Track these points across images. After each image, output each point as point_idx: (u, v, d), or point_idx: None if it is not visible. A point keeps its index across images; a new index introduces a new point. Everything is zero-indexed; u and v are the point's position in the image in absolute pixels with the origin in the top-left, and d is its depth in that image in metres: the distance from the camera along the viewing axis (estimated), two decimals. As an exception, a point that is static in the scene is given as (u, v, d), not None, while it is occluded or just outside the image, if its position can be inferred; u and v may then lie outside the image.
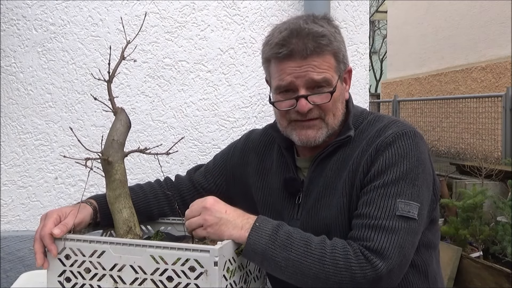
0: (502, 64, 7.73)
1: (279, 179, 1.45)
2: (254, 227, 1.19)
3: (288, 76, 1.30)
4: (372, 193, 1.22)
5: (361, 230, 1.19)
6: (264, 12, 2.55)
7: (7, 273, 2.36)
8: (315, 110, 1.31)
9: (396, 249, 1.16)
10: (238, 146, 1.62)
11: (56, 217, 1.28)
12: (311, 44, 1.26)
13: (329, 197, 1.33)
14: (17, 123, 2.40)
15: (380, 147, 1.27)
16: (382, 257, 1.14)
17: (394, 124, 1.32)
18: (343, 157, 1.34)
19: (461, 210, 4.17)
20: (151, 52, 2.47)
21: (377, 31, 21.62)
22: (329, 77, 1.30)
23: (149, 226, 1.56)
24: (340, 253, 1.15)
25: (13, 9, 2.38)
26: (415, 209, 1.20)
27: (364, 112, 1.43)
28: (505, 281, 3.34)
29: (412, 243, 1.20)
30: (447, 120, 7.71)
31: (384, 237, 1.16)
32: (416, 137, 1.29)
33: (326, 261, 1.15)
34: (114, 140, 1.27)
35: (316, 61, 1.28)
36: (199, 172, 1.65)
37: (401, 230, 1.18)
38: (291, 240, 1.18)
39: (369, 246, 1.16)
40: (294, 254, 1.16)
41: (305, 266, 1.15)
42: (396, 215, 1.19)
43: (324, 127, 1.33)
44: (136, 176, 2.45)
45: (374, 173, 1.25)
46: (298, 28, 1.29)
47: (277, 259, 1.16)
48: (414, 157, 1.25)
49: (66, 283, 1.23)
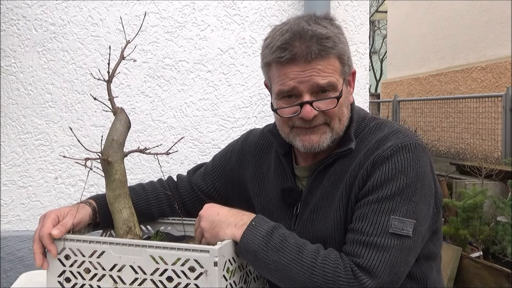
0: (502, 64, 7.73)
1: (276, 187, 1.42)
2: (250, 226, 1.18)
3: (291, 81, 1.23)
4: (366, 208, 1.19)
5: (352, 246, 1.17)
6: (264, 12, 2.54)
7: (7, 273, 2.36)
8: (320, 117, 1.26)
9: (387, 268, 1.13)
10: (235, 148, 1.59)
11: (55, 217, 1.27)
12: (315, 47, 1.20)
13: (326, 208, 1.30)
14: (17, 123, 2.40)
15: (377, 160, 1.22)
16: (371, 275, 1.12)
17: (394, 135, 1.26)
18: (341, 168, 1.30)
19: (461, 210, 4.17)
20: (151, 52, 2.47)
21: (377, 31, 21.62)
22: (334, 81, 1.24)
23: (149, 226, 1.55)
24: (330, 266, 1.13)
25: (13, 9, 2.38)
26: (410, 226, 1.16)
27: (366, 117, 1.37)
28: (505, 281, 3.34)
29: (405, 261, 1.17)
30: (447, 120, 7.70)
31: (375, 254, 1.13)
32: (417, 150, 1.22)
33: (315, 271, 1.13)
34: (114, 140, 1.27)
35: (321, 65, 1.22)
36: (198, 173, 1.62)
37: (393, 248, 1.14)
38: (285, 244, 1.16)
39: (359, 263, 1.13)
40: (284, 259, 1.15)
41: (294, 272, 1.14)
42: (388, 232, 1.14)
43: (328, 132, 1.28)
44: (136, 176, 2.45)
45: (369, 187, 1.21)
46: (301, 30, 1.22)
47: (268, 261, 1.15)
48: (413, 171, 1.20)
49: (66, 283, 1.23)
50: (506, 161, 5.44)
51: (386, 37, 15.40)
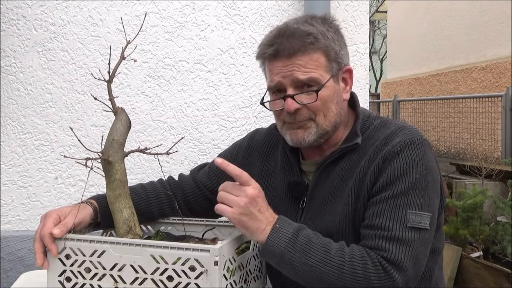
0: (502, 64, 7.73)
1: (283, 181, 1.44)
2: (274, 229, 1.17)
3: (276, 76, 1.30)
4: (382, 204, 1.21)
5: (375, 240, 1.19)
6: (264, 12, 2.55)
7: (7, 273, 2.36)
8: (304, 111, 1.30)
9: (411, 261, 1.16)
10: (242, 146, 1.61)
11: (56, 216, 1.27)
12: (295, 43, 1.26)
13: (334, 204, 1.32)
14: (17, 123, 2.40)
15: (387, 156, 1.25)
16: (399, 269, 1.14)
17: (401, 131, 1.30)
18: (350, 165, 1.33)
19: (461, 210, 4.17)
20: (151, 52, 2.47)
21: (377, 31, 21.62)
22: (317, 76, 1.27)
23: (149, 226, 1.55)
24: (359, 262, 1.15)
25: (13, 9, 2.38)
26: (427, 219, 1.20)
27: (370, 116, 1.40)
28: (505, 281, 3.34)
29: (424, 254, 1.20)
30: (447, 120, 7.70)
31: (399, 248, 1.16)
32: (423, 145, 1.27)
33: (345, 270, 1.14)
34: (114, 140, 1.27)
35: (302, 60, 1.27)
36: (202, 171, 1.63)
37: (414, 241, 1.17)
38: (311, 245, 1.17)
39: (386, 257, 1.15)
40: (312, 260, 1.15)
41: (323, 273, 1.14)
42: (407, 227, 1.18)
43: (314, 127, 1.31)
44: (136, 176, 2.45)
45: (383, 183, 1.23)
46: (285, 28, 1.30)
47: (295, 264, 1.15)
48: (423, 166, 1.24)
49: (66, 283, 1.23)
50: (506, 161, 5.44)
51: (386, 37, 15.40)
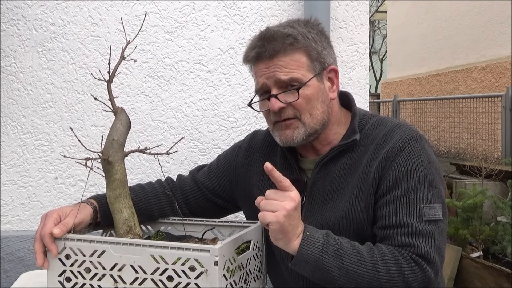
0: (502, 64, 7.73)
1: None
2: (305, 236, 1.17)
3: (260, 78, 1.34)
4: (396, 203, 1.24)
5: (398, 238, 1.21)
6: (264, 12, 2.54)
7: (7, 273, 2.36)
8: (289, 110, 1.32)
9: (436, 251, 1.20)
10: (242, 146, 1.62)
11: (56, 216, 1.28)
12: (276, 45, 1.30)
13: (336, 201, 1.34)
14: (17, 123, 2.40)
15: (390, 153, 1.28)
16: (428, 262, 1.19)
17: (398, 128, 1.33)
18: (350, 162, 1.35)
19: (461, 210, 4.17)
20: (151, 52, 2.47)
21: (377, 31, 21.62)
22: (298, 76, 1.30)
23: (149, 226, 1.56)
24: (391, 260, 1.17)
25: (13, 9, 2.38)
26: (439, 210, 1.24)
27: (366, 114, 1.43)
28: (505, 281, 3.34)
29: (444, 243, 1.25)
30: (447, 120, 7.70)
31: (423, 242, 1.20)
32: (422, 140, 1.32)
33: (380, 269, 1.16)
34: (114, 140, 1.27)
35: (283, 61, 1.30)
36: (202, 172, 1.64)
37: (434, 233, 1.22)
38: (343, 249, 1.18)
39: (416, 252, 1.19)
40: (347, 263, 1.16)
41: (359, 275, 1.16)
42: (424, 220, 1.22)
43: (301, 127, 1.33)
44: (136, 176, 2.45)
45: (392, 182, 1.26)
46: (266, 31, 1.34)
47: (331, 269, 1.16)
48: (426, 159, 1.28)
49: (66, 283, 1.23)
50: (506, 161, 5.44)
51: (386, 37, 15.40)
